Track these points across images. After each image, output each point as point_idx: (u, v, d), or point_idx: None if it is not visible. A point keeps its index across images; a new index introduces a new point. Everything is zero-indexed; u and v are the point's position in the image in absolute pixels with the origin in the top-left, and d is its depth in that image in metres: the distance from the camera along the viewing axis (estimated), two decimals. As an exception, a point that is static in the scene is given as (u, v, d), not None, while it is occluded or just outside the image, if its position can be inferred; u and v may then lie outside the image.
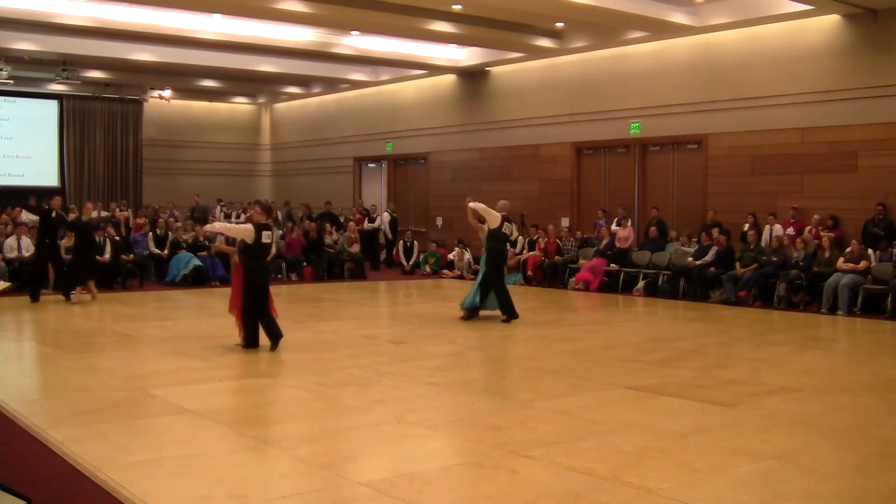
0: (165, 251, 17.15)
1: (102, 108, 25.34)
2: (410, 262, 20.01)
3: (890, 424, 6.35)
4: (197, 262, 16.64)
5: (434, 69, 20.79)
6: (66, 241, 14.93)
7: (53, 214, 13.86)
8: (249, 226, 9.06)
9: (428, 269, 19.35)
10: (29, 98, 24.44)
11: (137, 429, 5.97)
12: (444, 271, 19.02)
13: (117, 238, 16.83)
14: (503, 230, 11.85)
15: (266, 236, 9.03)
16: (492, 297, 11.76)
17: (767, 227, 14.79)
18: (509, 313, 11.66)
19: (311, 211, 21.81)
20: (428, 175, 22.34)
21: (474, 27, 16.58)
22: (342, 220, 20.92)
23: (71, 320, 12.10)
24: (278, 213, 22.17)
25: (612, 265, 16.28)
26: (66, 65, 20.42)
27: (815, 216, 14.33)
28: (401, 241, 20.58)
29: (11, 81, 21.00)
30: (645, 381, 7.64)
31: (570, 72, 18.68)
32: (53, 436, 5.67)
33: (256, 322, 9.05)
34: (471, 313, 11.75)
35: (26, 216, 17.20)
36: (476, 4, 15.09)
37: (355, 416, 6.48)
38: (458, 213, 21.09)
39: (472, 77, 20.93)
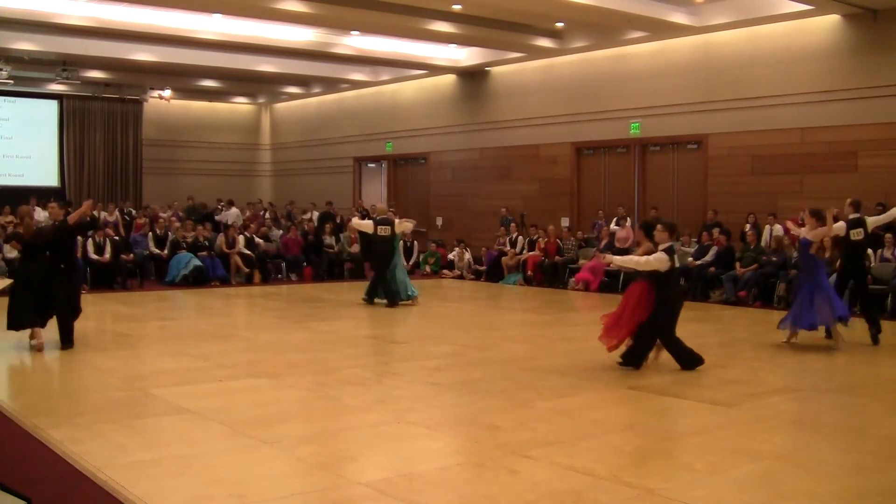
0: (165, 251, 17.16)
1: (102, 108, 25.33)
2: (410, 262, 19.98)
3: (890, 424, 6.35)
4: (197, 262, 16.64)
5: (434, 69, 20.79)
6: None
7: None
8: (662, 255, 8.03)
9: (428, 268, 19.35)
10: (29, 98, 24.43)
11: (137, 429, 5.97)
12: (444, 271, 19.02)
13: (117, 238, 16.84)
14: (379, 233, 13.42)
15: (676, 258, 8.22)
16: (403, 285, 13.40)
17: (767, 227, 14.79)
18: (390, 300, 13.32)
19: (313, 209, 21.82)
20: (428, 175, 22.33)
21: (474, 27, 16.58)
22: (339, 220, 20.87)
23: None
24: (282, 211, 22.13)
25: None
26: (66, 65, 20.42)
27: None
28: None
29: (11, 81, 20.99)
30: (645, 381, 7.64)
31: (570, 72, 18.68)
32: (53, 436, 5.67)
33: (677, 341, 8.17)
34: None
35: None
36: (476, 4, 15.08)
37: (355, 416, 6.48)
38: (459, 214, 21.15)
39: (472, 77, 20.93)
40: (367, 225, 13.98)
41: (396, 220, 13.74)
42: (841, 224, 10.02)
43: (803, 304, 9.45)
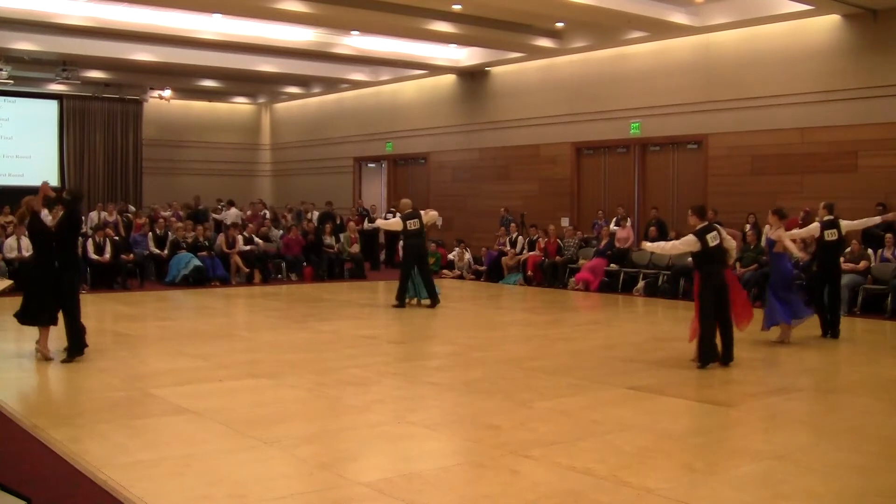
0: (165, 251, 17.15)
1: (102, 108, 25.34)
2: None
3: (890, 424, 6.35)
4: (197, 262, 16.63)
5: (434, 69, 20.79)
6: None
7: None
8: (691, 237, 8.38)
9: (428, 269, 19.32)
10: (29, 98, 24.45)
11: (137, 429, 5.97)
12: (444, 271, 19.00)
13: (117, 238, 16.84)
14: (409, 228, 13.34)
15: (711, 238, 8.36)
16: (420, 287, 13.32)
17: (767, 226, 14.75)
18: (432, 299, 13.18)
19: (308, 208, 21.78)
20: (428, 175, 22.33)
21: (474, 27, 16.58)
22: (339, 220, 20.86)
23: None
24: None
25: (612, 265, 16.28)
26: (66, 65, 20.42)
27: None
28: (401, 242, 20.52)
29: (11, 81, 20.99)
30: (645, 381, 7.64)
31: (570, 72, 18.68)
32: (53, 436, 5.67)
33: (713, 334, 8.29)
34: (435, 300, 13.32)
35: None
36: (476, 4, 15.09)
37: (355, 416, 6.48)
38: (459, 214, 21.14)
39: (472, 77, 20.93)
40: (395, 223, 13.96)
41: (422, 212, 13.74)
42: (815, 225, 10.42)
43: (778, 301, 9.68)
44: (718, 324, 8.45)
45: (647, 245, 9.37)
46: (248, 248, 17.56)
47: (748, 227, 14.76)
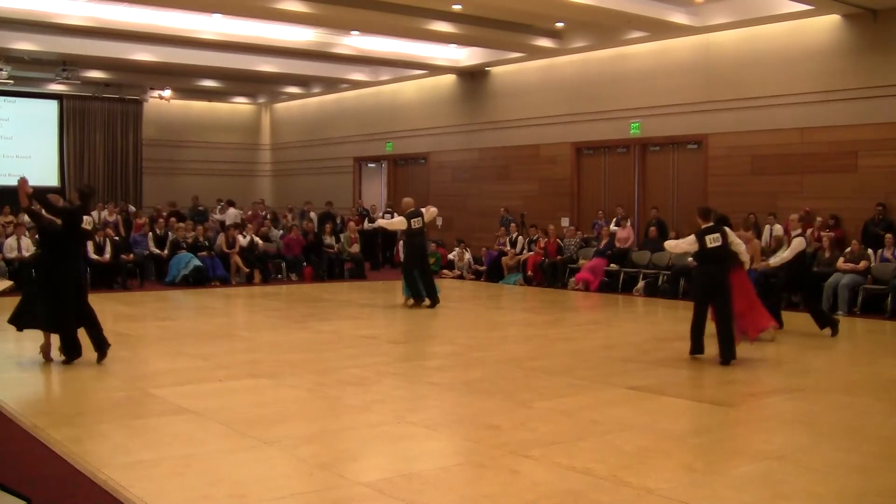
0: (165, 251, 17.15)
1: (102, 108, 25.34)
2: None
3: (890, 424, 6.35)
4: (197, 262, 16.63)
5: (434, 69, 20.79)
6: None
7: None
8: (691, 237, 8.77)
9: (428, 269, 19.31)
10: (29, 98, 24.45)
11: (137, 429, 5.97)
12: (444, 271, 19.00)
13: (117, 238, 16.84)
14: (413, 226, 13.36)
15: (711, 239, 8.56)
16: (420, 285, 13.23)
17: (767, 227, 14.78)
18: (432, 299, 13.12)
19: (312, 209, 21.76)
20: (428, 175, 22.33)
21: (474, 27, 16.59)
22: (339, 220, 20.86)
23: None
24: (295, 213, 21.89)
25: (612, 265, 16.28)
26: (66, 65, 20.42)
27: (819, 218, 14.34)
28: (401, 242, 20.54)
29: (11, 81, 21.00)
30: (645, 381, 7.64)
31: (570, 72, 18.68)
32: (53, 436, 5.67)
33: (696, 325, 8.61)
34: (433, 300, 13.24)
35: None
36: (476, 4, 15.09)
37: (355, 416, 6.48)
38: (459, 214, 21.14)
39: (472, 77, 20.93)
40: (399, 222, 13.92)
41: (423, 210, 13.76)
42: (800, 240, 10.65)
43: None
44: (717, 322, 8.57)
45: (665, 244, 9.99)
46: (247, 238, 17.61)
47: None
